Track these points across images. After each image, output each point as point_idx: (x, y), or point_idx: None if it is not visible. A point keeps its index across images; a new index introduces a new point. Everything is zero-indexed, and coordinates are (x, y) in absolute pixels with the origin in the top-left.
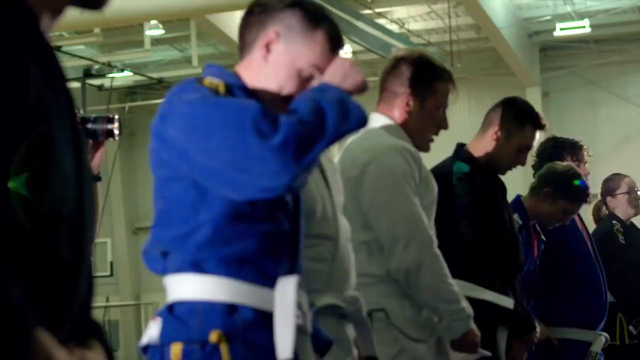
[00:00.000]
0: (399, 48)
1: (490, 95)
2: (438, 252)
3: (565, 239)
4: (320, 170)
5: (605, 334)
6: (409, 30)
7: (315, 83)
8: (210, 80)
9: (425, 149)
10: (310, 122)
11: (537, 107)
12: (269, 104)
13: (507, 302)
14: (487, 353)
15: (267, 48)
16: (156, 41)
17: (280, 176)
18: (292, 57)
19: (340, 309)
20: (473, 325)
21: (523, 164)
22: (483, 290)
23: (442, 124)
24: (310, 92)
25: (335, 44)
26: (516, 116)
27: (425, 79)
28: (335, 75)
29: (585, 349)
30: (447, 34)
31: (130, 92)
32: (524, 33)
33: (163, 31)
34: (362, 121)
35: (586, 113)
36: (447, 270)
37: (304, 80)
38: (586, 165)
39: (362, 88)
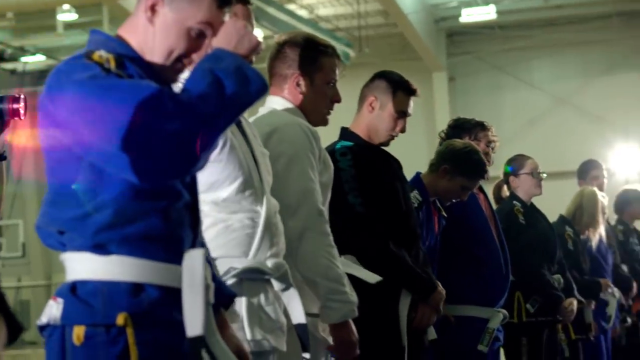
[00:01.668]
0: (281, 33)
1: None
2: (327, 230)
3: (466, 218)
4: (248, 144)
5: (504, 311)
6: (318, 16)
7: (207, 42)
8: (99, 54)
9: (323, 123)
10: (210, 97)
11: (444, 91)
12: (161, 69)
13: (372, 277)
14: None
15: (152, 10)
16: (69, 26)
17: (184, 159)
18: (179, 17)
19: (267, 275)
20: (352, 319)
21: (403, 130)
22: (350, 265)
23: (335, 98)
24: (206, 62)
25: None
26: (387, 85)
27: (311, 57)
28: (229, 39)
29: (482, 325)
30: (356, 20)
31: (42, 75)
32: (431, 19)
33: (76, 16)
34: (263, 88)
35: (492, 97)
36: (334, 251)
37: (194, 39)
38: (490, 145)
39: (257, 51)
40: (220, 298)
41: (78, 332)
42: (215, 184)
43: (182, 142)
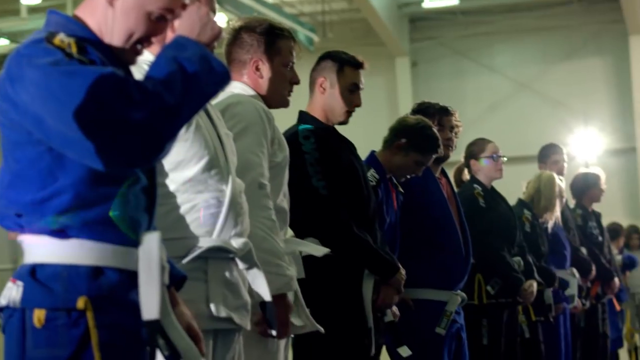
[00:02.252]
0: (236, 19)
1: None
2: (267, 204)
3: (427, 203)
4: (212, 124)
5: (462, 294)
6: (282, 1)
7: (167, 26)
8: (61, 39)
9: (284, 104)
10: (175, 86)
11: (406, 76)
12: (122, 52)
13: (319, 249)
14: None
15: None
16: (33, 10)
17: (148, 148)
18: (140, 1)
19: (232, 254)
20: (290, 296)
21: (359, 104)
22: (297, 242)
23: (294, 80)
24: (169, 50)
25: None
26: (333, 63)
27: (268, 41)
28: (192, 27)
29: (440, 308)
30: (320, 5)
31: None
32: (394, 4)
33: (40, 0)
34: (226, 78)
35: (454, 82)
36: (272, 224)
37: (154, 23)
38: (454, 131)
39: (219, 38)
40: (171, 278)
41: (39, 315)
42: (182, 163)
43: (146, 131)
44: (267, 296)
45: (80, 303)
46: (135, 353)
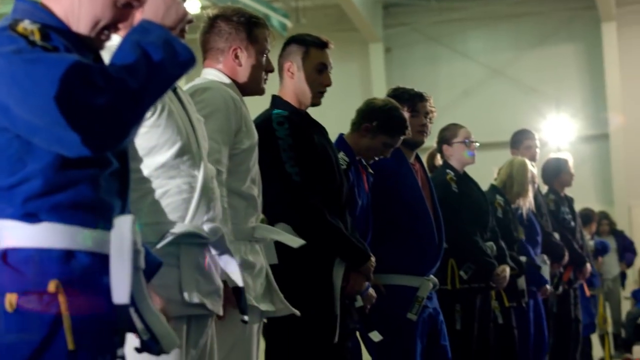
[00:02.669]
0: (212, 6)
1: (335, 51)
2: (222, 192)
3: (399, 189)
4: (184, 110)
5: (434, 279)
6: None
7: (134, 12)
8: (24, 27)
9: (261, 92)
10: (138, 71)
11: (380, 62)
12: (88, 39)
13: (294, 241)
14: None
15: None
16: None
17: (111, 134)
18: None
19: (204, 239)
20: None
21: (329, 83)
22: (272, 230)
23: (269, 67)
24: (133, 34)
25: None
26: (298, 47)
27: (246, 30)
28: (156, 10)
29: (412, 294)
30: None
31: None
32: None
33: None
34: (191, 61)
35: (427, 68)
36: (224, 212)
37: (121, 9)
38: (428, 116)
39: (185, 21)
40: (147, 264)
41: (10, 299)
42: (154, 148)
43: (110, 116)
44: (239, 282)
45: (52, 286)
46: (108, 337)
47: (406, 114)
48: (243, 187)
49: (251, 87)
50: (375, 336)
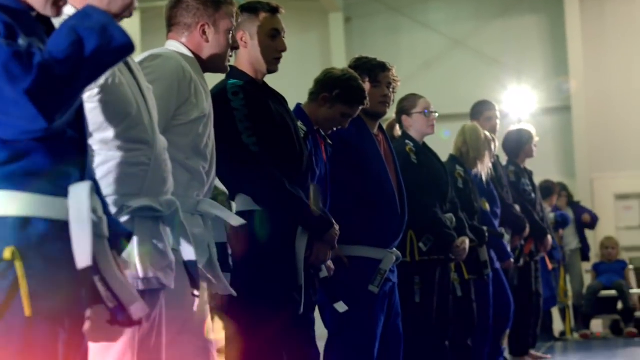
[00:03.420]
0: None
1: (294, 21)
2: (165, 157)
3: (363, 160)
4: (135, 80)
5: (397, 252)
6: None
7: None
8: None
9: (226, 69)
10: (66, 57)
11: (340, 32)
12: (34, 23)
13: (235, 219)
14: None
15: None
16: None
17: (38, 119)
18: None
19: (157, 212)
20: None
21: (284, 49)
22: (215, 205)
23: (235, 45)
24: (72, 19)
25: None
26: (248, 15)
27: (214, 6)
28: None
29: (374, 266)
30: None
31: None
32: None
33: None
34: (127, 48)
35: (388, 39)
36: None
37: None
38: (391, 87)
39: (131, 9)
40: (116, 237)
41: None
42: (105, 123)
43: (31, 102)
44: (191, 255)
45: (7, 253)
46: (67, 303)
47: (367, 85)
48: (186, 159)
49: (216, 63)
50: (341, 307)
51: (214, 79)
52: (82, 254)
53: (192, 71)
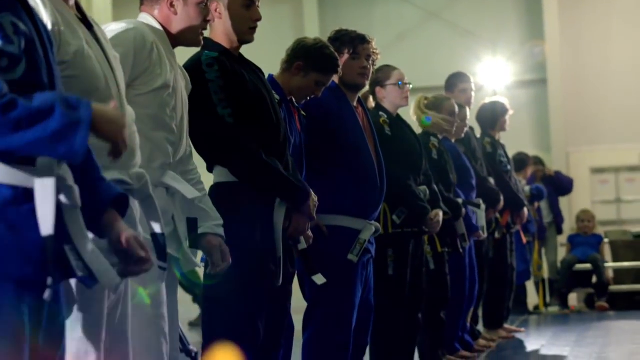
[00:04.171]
0: None
1: None
2: (134, 129)
3: (343, 131)
4: (103, 52)
5: (376, 224)
6: None
7: None
8: None
9: (199, 43)
10: (30, 117)
11: (313, 4)
12: None
13: (190, 192)
14: None
15: None
16: None
17: None
18: None
19: (126, 185)
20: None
21: (259, 18)
22: (175, 178)
23: (208, 17)
24: (64, 96)
25: None
26: None
27: None
28: (107, 118)
29: (354, 236)
30: None
31: None
32: None
33: None
34: (71, 155)
35: (362, 10)
36: None
37: None
38: (371, 59)
39: (115, 144)
40: (104, 198)
41: None
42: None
43: None
44: (159, 229)
45: None
46: (32, 269)
47: (347, 56)
48: (147, 129)
49: (187, 37)
50: (319, 279)
51: (189, 53)
52: (45, 221)
53: (157, 42)
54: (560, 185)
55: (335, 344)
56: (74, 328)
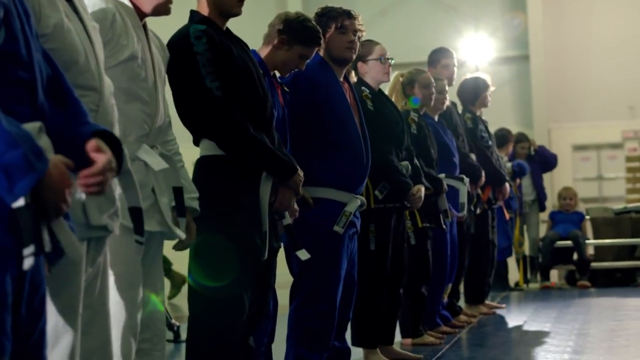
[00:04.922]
0: None
1: None
2: (112, 102)
3: (329, 106)
4: (82, 24)
5: (362, 198)
6: None
7: None
8: None
9: (167, 12)
10: None
11: None
12: None
13: (157, 163)
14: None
15: None
16: None
17: None
18: None
19: None
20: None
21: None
22: (148, 151)
23: None
24: (20, 129)
25: None
26: None
27: None
28: (55, 177)
29: (340, 208)
30: None
31: None
32: None
33: None
34: (6, 195)
35: None
36: None
37: None
38: (357, 34)
39: (56, 207)
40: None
41: None
42: None
43: None
44: (137, 202)
45: None
46: (10, 238)
47: (334, 31)
48: (120, 102)
49: (154, 6)
50: (303, 255)
51: (174, 27)
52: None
53: (122, 13)
54: (545, 160)
55: (320, 313)
56: (51, 301)
